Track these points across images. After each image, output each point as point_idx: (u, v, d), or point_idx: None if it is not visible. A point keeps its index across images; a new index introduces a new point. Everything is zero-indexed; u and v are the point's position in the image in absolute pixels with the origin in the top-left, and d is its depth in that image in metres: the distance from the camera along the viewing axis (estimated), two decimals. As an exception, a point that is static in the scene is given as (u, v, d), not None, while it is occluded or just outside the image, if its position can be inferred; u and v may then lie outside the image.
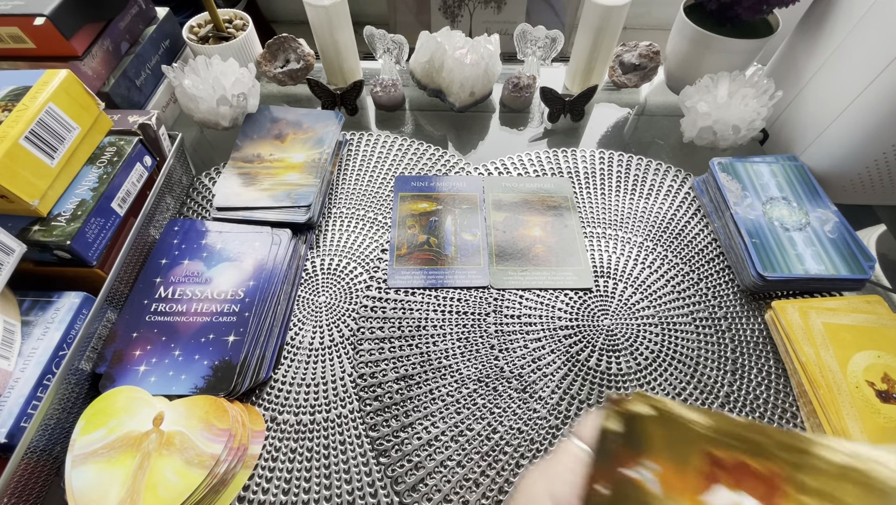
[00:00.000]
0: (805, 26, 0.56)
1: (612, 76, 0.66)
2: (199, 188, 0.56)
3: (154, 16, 0.61)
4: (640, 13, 0.91)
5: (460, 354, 0.44)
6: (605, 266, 0.50)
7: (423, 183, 0.56)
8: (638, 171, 0.58)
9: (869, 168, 0.52)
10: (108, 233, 0.44)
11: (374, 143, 0.61)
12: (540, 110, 0.66)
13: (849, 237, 0.48)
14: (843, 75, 0.50)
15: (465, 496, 0.37)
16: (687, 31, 0.60)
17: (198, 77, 0.56)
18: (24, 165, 0.38)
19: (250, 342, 0.42)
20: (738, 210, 0.50)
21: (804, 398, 0.41)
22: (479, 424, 0.41)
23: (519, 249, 0.51)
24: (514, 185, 0.56)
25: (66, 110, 0.42)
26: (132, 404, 0.38)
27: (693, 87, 0.57)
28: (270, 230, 0.49)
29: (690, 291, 0.49)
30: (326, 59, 0.65)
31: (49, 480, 0.37)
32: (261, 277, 0.46)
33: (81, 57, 0.50)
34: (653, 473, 0.17)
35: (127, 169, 0.46)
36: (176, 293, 0.45)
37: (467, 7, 0.76)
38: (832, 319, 0.43)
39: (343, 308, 0.47)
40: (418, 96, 0.67)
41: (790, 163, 0.54)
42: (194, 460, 0.35)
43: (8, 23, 0.47)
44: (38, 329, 0.39)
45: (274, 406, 0.42)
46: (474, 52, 0.58)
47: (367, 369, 0.43)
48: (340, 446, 0.40)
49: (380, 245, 0.51)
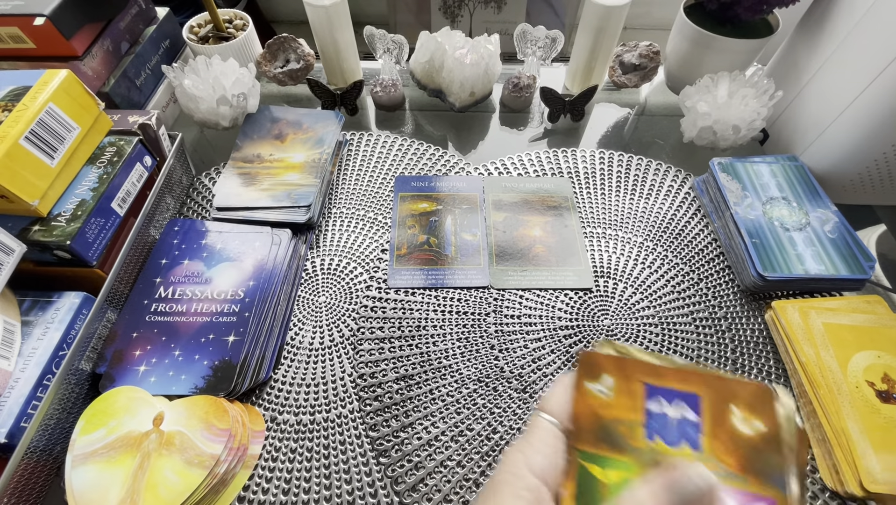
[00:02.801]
0: (805, 26, 0.56)
1: (612, 76, 0.66)
2: (199, 188, 0.56)
3: (154, 16, 0.61)
4: (640, 13, 0.90)
5: (460, 354, 0.44)
6: (605, 266, 0.50)
7: (423, 183, 0.56)
8: (638, 171, 0.58)
9: (869, 168, 0.52)
10: (108, 233, 0.44)
11: (374, 143, 0.61)
12: (540, 110, 0.66)
13: (849, 237, 0.48)
14: (843, 75, 0.50)
15: (465, 496, 0.37)
16: (687, 31, 0.60)
17: (198, 77, 0.56)
18: (24, 165, 0.38)
19: (250, 342, 0.42)
20: (738, 210, 0.50)
21: (804, 398, 0.41)
22: (479, 424, 0.41)
23: (519, 249, 0.51)
24: (514, 185, 0.56)
25: (66, 110, 0.42)
26: (132, 404, 0.38)
27: (693, 87, 0.57)
28: (270, 230, 0.49)
29: (690, 291, 0.49)
30: (326, 59, 0.65)
31: (49, 480, 0.37)
32: (261, 277, 0.46)
33: (81, 57, 0.50)
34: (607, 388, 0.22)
35: (127, 169, 0.46)
36: (176, 293, 0.45)
37: (467, 7, 0.76)
38: (832, 319, 0.43)
39: (343, 308, 0.47)
40: (418, 96, 0.67)
41: (790, 163, 0.54)
42: (194, 460, 0.35)
43: (8, 23, 0.47)
44: (38, 329, 0.39)
45: (274, 406, 0.42)
46: (474, 52, 0.58)
47: (367, 369, 0.43)
48: (340, 446, 0.40)
49: (380, 245, 0.51)
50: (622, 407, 0.21)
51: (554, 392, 0.22)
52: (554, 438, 0.21)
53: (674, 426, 0.20)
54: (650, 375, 0.22)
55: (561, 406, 0.22)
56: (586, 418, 0.21)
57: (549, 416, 0.22)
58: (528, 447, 0.21)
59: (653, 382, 0.21)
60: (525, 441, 0.21)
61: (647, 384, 0.21)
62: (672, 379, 0.21)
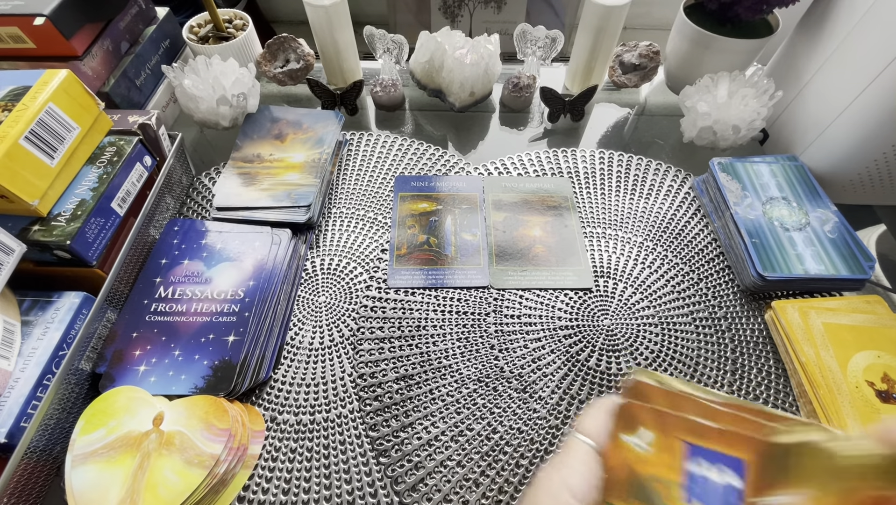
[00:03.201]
0: (805, 26, 0.56)
1: (612, 76, 0.66)
2: (199, 188, 0.56)
3: (154, 16, 0.61)
4: (640, 13, 0.90)
5: (460, 354, 0.44)
6: (605, 266, 0.50)
7: (423, 183, 0.56)
8: (638, 171, 0.58)
9: (869, 168, 0.52)
10: (108, 233, 0.44)
11: (374, 143, 0.61)
12: (540, 110, 0.66)
13: (849, 237, 0.48)
14: (843, 75, 0.50)
15: (465, 496, 0.37)
16: (687, 31, 0.60)
17: (198, 77, 0.56)
18: (24, 165, 0.38)
19: (250, 342, 0.42)
20: (738, 210, 0.50)
21: (804, 398, 0.41)
22: (479, 424, 0.41)
23: (519, 249, 0.51)
24: (514, 185, 0.56)
25: (66, 110, 0.42)
26: (132, 404, 0.38)
27: (693, 87, 0.57)
28: (270, 230, 0.49)
29: (690, 291, 0.49)
30: (326, 59, 0.65)
31: (49, 480, 0.37)
32: (261, 277, 0.46)
33: (81, 57, 0.50)
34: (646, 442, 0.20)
35: (127, 169, 0.46)
36: (176, 293, 0.45)
37: (467, 7, 0.76)
38: (832, 319, 0.43)
39: (343, 308, 0.47)
40: (418, 96, 0.67)
41: (790, 163, 0.54)
42: (194, 460, 0.35)
43: (8, 23, 0.47)
44: (38, 329, 0.39)
45: (274, 406, 0.42)
46: (474, 52, 0.58)
47: (367, 369, 0.43)
48: (340, 446, 0.40)
49: (380, 245, 0.51)
50: (660, 464, 0.20)
51: (590, 413, 0.22)
52: (591, 459, 0.21)
53: (717, 491, 0.19)
54: (692, 434, 0.20)
55: (598, 428, 0.21)
56: (620, 471, 0.20)
57: (587, 438, 0.21)
58: (565, 468, 0.21)
59: (694, 441, 0.20)
60: (562, 462, 0.21)
61: (688, 443, 0.20)
62: (715, 441, 0.20)
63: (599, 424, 0.21)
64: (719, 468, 0.20)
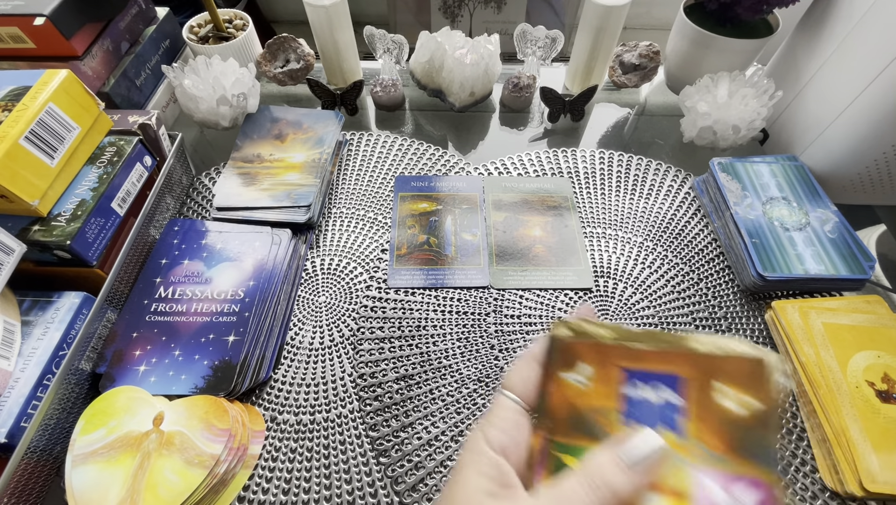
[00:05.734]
0: (805, 26, 0.56)
1: (612, 76, 0.66)
2: (199, 188, 0.56)
3: (154, 16, 0.61)
4: (640, 13, 0.91)
5: (460, 354, 0.44)
6: (605, 266, 0.50)
7: (423, 183, 0.56)
8: (638, 171, 0.58)
9: (869, 168, 0.52)
10: (108, 233, 0.44)
11: (374, 143, 0.61)
12: (540, 110, 0.66)
13: (849, 237, 0.48)
14: (843, 75, 0.50)
15: (465, 496, 0.37)
16: (687, 31, 0.60)
17: (198, 77, 0.56)
18: (24, 165, 0.38)
19: (250, 342, 0.42)
20: (738, 210, 0.50)
21: (804, 398, 0.41)
22: (479, 424, 0.41)
23: (519, 249, 0.51)
24: (514, 185, 0.56)
25: (66, 110, 0.42)
26: (132, 404, 0.38)
27: (693, 87, 0.57)
28: (270, 230, 0.49)
29: (690, 291, 0.49)
30: (326, 59, 0.65)
31: (49, 480, 0.37)
32: (261, 277, 0.46)
33: (81, 57, 0.50)
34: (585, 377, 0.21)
35: (127, 169, 0.46)
36: (176, 293, 0.45)
37: (467, 7, 0.76)
38: (832, 319, 0.43)
39: (343, 308, 0.47)
40: (418, 96, 0.67)
41: (790, 163, 0.54)
42: (194, 460, 0.35)
43: (8, 23, 0.47)
44: (38, 329, 0.39)
45: (274, 406, 0.42)
46: (474, 52, 0.58)
47: (367, 369, 0.43)
48: (340, 446, 0.40)
49: (380, 245, 0.51)
50: (599, 395, 0.20)
51: (516, 369, 0.22)
52: (514, 414, 0.21)
53: (654, 411, 0.20)
54: (629, 358, 0.20)
55: (524, 383, 0.22)
56: (562, 409, 0.21)
57: (511, 393, 0.22)
58: (486, 424, 0.21)
59: (632, 365, 0.20)
60: (485, 419, 0.21)
61: (625, 369, 0.20)
62: (652, 361, 0.20)
63: (525, 378, 0.22)
64: (654, 386, 0.20)
